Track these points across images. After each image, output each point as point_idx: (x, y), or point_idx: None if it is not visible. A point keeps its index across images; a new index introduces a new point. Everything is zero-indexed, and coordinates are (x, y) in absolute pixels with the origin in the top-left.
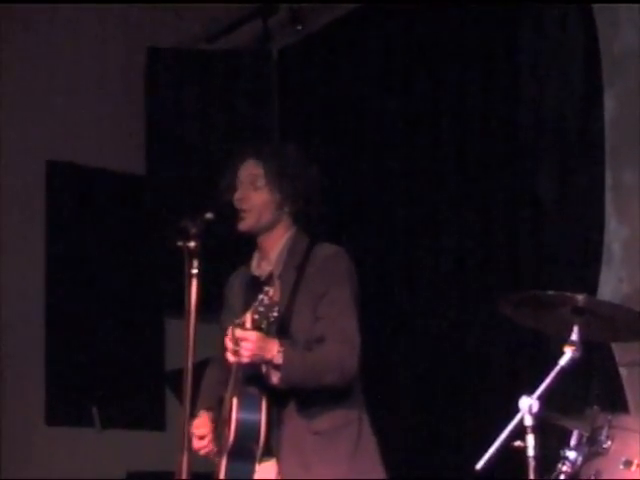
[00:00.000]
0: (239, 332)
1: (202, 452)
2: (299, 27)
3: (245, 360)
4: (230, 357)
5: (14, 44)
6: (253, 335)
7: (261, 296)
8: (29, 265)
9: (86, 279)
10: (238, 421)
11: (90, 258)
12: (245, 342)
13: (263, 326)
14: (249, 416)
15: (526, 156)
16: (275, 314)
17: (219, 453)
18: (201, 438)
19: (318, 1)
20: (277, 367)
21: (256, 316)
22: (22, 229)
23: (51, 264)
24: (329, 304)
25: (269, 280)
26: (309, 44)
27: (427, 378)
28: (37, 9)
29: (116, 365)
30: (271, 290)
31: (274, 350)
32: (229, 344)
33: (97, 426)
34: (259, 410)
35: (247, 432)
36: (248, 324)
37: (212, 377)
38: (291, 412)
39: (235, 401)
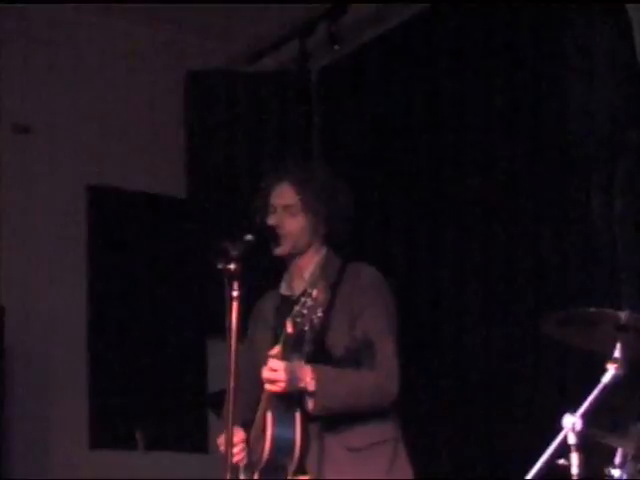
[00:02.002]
0: (271, 363)
1: (233, 460)
2: (336, 47)
3: (279, 391)
4: (267, 387)
5: (57, 67)
6: (281, 366)
7: (304, 298)
8: (71, 290)
9: (128, 303)
10: (273, 436)
11: (132, 282)
12: (277, 373)
13: (306, 328)
14: (284, 432)
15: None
16: (320, 315)
17: (250, 468)
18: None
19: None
20: (311, 394)
21: (298, 319)
22: (63, 255)
23: (93, 289)
24: (366, 325)
25: (302, 298)
26: (347, 64)
27: (467, 397)
28: (78, 32)
29: (159, 387)
30: (315, 291)
31: (307, 377)
32: (266, 374)
33: (141, 448)
34: (294, 426)
35: (282, 448)
36: (289, 328)
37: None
38: (326, 428)
39: (270, 416)
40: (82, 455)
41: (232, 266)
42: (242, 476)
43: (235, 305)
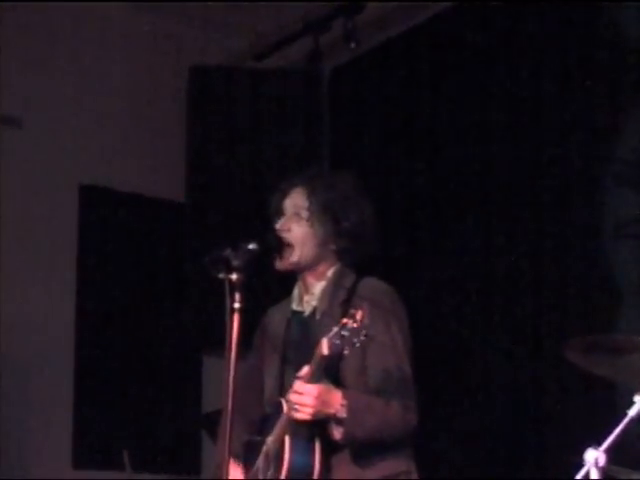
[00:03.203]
0: (299, 387)
1: None
2: (352, 45)
3: (307, 418)
4: (293, 414)
5: (48, 64)
6: (314, 389)
7: (345, 319)
8: (58, 298)
9: (119, 313)
10: (290, 462)
11: (123, 289)
12: (305, 398)
13: (346, 352)
14: (302, 458)
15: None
16: (363, 338)
17: None
18: None
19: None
20: (340, 421)
21: (337, 341)
22: (51, 259)
23: (82, 298)
24: (382, 349)
25: (313, 316)
26: (363, 63)
27: (483, 431)
28: (75, 24)
29: (149, 405)
30: (359, 312)
31: (337, 403)
32: (294, 398)
33: (128, 470)
34: (314, 454)
35: (299, 475)
36: (325, 350)
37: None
38: (342, 458)
39: (287, 441)
40: (65, 475)
41: (234, 276)
42: None
43: (236, 318)
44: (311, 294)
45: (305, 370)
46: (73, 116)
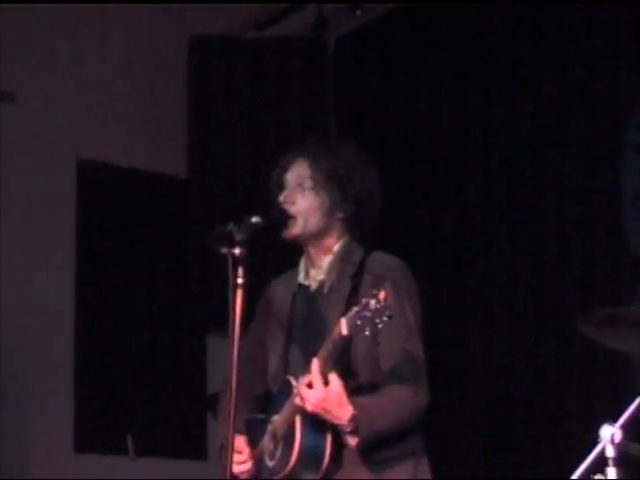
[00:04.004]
0: (312, 378)
1: (235, 470)
2: (358, 13)
3: (307, 409)
4: (296, 400)
5: (44, 39)
6: (322, 394)
7: (365, 299)
8: (58, 277)
9: (120, 292)
10: (302, 444)
11: (124, 267)
12: (312, 395)
13: (367, 333)
14: (313, 441)
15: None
16: (385, 319)
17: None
18: (240, 463)
19: None
20: (351, 433)
21: (358, 322)
22: (49, 236)
23: (82, 276)
24: (395, 331)
25: (320, 290)
26: (368, 32)
27: (497, 408)
28: (67, 1)
29: (152, 387)
30: (382, 292)
31: (345, 417)
32: (303, 391)
33: (131, 454)
34: (324, 436)
35: (309, 457)
36: (344, 330)
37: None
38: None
39: (299, 422)
40: (67, 459)
41: (237, 251)
42: None
43: (239, 294)
44: (318, 268)
45: (324, 351)
46: (70, 90)
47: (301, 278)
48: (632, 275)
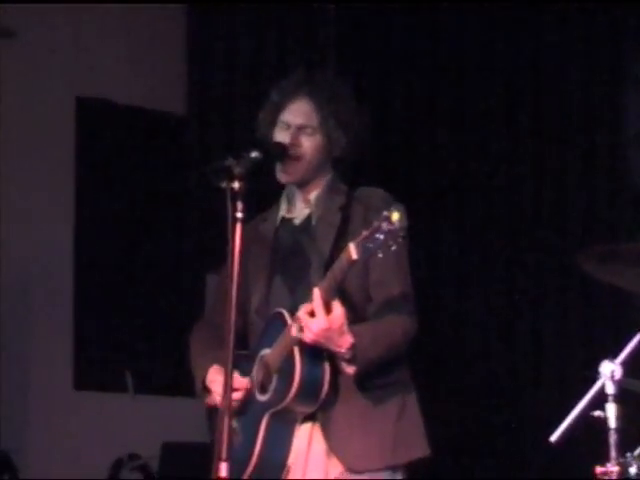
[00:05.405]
0: (314, 307)
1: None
2: None
3: (306, 340)
4: (292, 331)
5: None
6: (325, 323)
7: (377, 222)
8: (56, 216)
9: (120, 231)
10: (302, 377)
11: (125, 208)
12: (314, 324)
13: (380, 255)
14: (312, 373)
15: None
16: (400, 240)
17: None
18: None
19: None
20: (348, 361)
21: (370, 245)
22: (48, 175)
23: (81, 215)
24: (383, 263)
25: (307, 223)
26: None
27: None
28: None
29: (152, 325)
30: (395, 213)
31: (345, 346)
32: (303, 318)
33: (130, 392)
34: (323, 364)
35: (309, 388)
36: (354, 254)
37: (205, 341)
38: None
39: (297, 355)
40: (66, 396)
41: (236, 185)
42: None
43: (239, 228)
44: (304, 201)
45: (327, 281)
46: (70, 26)
47: (283, 212)
48: (633, 212)
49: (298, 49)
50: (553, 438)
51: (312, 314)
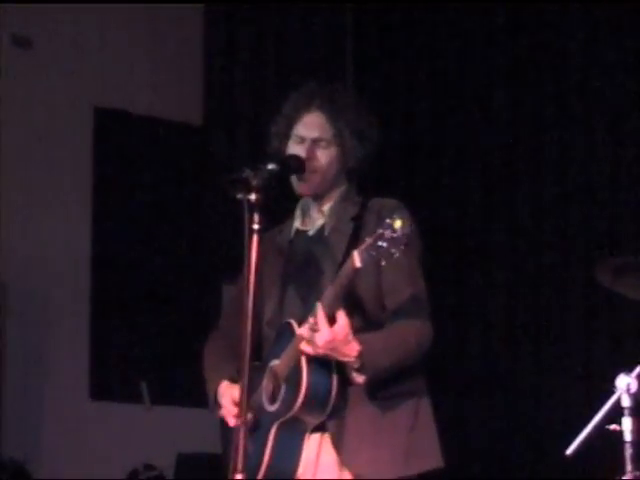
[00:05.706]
0: (318, 320)
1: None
2: None
3: (313, 354)
4: (301, 345)
5: None
6: (329, 335)
7: (380, 230)
8: (75, 226)
9: (137, 241)
10: (309, 385)
11: (142, 218)
12: (319, 337)
13: (383, 263)
14: (320, 382)
15: None
16: (402, 247)
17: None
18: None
19: None
20: (357, 370)
21: (372, 253)
22: (66, 184)
23: (99, 225)
24: (395, 269)
25: (320, 234)
26: None
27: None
28: None
29: (168, 336)
30: (397, 221)
31: (352, 354)
32: (305, 334)
33: (146, 402)
34: (331, 374)
35: (316, 397)
36: (357, 262)
37: (219, 352)
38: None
39: (304, 364)
40: (83, 406)
41: (253, 197)
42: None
43: (255, 240)
44: (318, 212)
45: (328, 293)
46: (88, 36)
47: (298, 224)
48: None
49: (318, 59)
50: (569, 451)
51: (315, 329)
